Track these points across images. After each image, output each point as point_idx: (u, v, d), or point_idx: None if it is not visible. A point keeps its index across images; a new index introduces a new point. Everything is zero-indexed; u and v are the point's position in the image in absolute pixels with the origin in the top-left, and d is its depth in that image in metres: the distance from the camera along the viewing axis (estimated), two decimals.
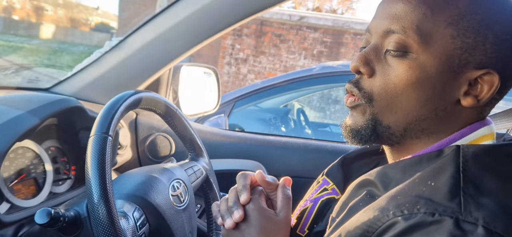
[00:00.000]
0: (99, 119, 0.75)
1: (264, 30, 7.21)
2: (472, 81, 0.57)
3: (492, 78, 0.56)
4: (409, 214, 0.49)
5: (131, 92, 0.84)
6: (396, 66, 0.59)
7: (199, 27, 1.14)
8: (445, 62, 0.57)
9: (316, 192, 0.84)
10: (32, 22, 14.76)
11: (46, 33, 13.76)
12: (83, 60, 1.28)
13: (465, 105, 0.58)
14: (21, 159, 1.00)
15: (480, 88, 0.57)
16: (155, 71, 1.22)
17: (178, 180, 0.95)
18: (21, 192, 0.99)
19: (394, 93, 0.59)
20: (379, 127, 0.61)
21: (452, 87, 0.58)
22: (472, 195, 0.49)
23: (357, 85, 0.63)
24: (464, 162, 0.53)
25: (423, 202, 0.50)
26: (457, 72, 0.57)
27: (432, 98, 0.58)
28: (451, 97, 0.58)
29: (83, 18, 17.72)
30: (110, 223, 0.70)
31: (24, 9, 15.06)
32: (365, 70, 0.61)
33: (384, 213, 0.51)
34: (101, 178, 0.70)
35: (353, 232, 0.54)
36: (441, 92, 0.58)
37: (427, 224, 0.48)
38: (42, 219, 0.72)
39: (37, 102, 0.95)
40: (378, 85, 0.60)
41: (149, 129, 1.34)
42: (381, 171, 0.61)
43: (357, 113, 0.63)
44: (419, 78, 0.57)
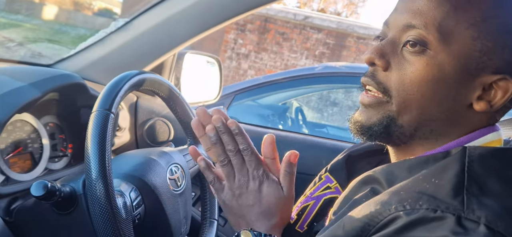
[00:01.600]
0: (103, 95, 0.74)
1: (268, 27, 7.20)
2: (487, 86, 0.57)
3: (507, 84, 0.56)
4: (411, 210, 0.49)
5: (136, 72, 0.83)
6: (414, 61, 0.58)
7: (206, 14, 1.13)
8: (463, 64, 0.56)
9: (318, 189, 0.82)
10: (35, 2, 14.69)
11: (48, 14, 13.69)
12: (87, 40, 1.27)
13: (478, 109, 0.57)
14: (19, 132, 0.99)
15: (493, 93, 0.57)
16: (159, 55, 1.21)
17: (176, 165, 0.94)
18: (17, 166, 0.99)
19: (410, 90, 0.58)
20: (393, 126, 0.60)
21: (467, 89, 0.57)
22: (475, 194, 0.49)
23: (374, 78, 0.61)
24: (470, 163, 0.53)
25: (425, 198, 0.50)
26: (473, 75, 0.56)
27: (446, 98, 0.57)
28: (465, 100, 0.57)
29: (86, 2, 17.62)
30: (106, 200, 0.70)
31: None
32: (381, 62, 0.60)
33: (386, 207, 0.51)
34: (100, 155, 0.70)
35: (354, 225, 0.54)
36: (456, 94, 0.57)
37: (429, 220, 0.48)
38: (38, 191, 0.71)
39: (40, 76, 0.94)
40: (394, 80, 0.59)
41: (149, 113, 1.33)
42: (386, 168, 0.60)
43: (372, 109, 0.62)
44: (435, 76, 0.56)
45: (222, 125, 0.70)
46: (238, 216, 0.72)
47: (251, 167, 0.70)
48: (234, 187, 0.71)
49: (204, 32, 1.17)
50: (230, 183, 0.71)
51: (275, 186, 0.71)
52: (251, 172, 0.70)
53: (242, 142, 0.70)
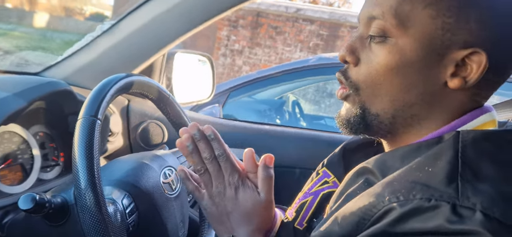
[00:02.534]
0: (88, 101, 0.72)
1: (260, 21, 7.17)
2: (459, 62, 0.55)
3: (480, 58, 0.54)
4: (405, 200, 0.48)
5: (123, 75, 0.81)
6: (378, 52, 0.58)
7: (193, 11, 1.11)
8: (426, 45, 0.55)
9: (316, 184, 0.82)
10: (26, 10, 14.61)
11: (40, 22, 13.64)
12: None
13: (452, 87, 0.56)
14: (7, 143, 0.96)
15: (469, 68, 0.55)
16: (148, 57, 1.19)
17: (170, 168, 0.92)
18: (7, 178, 0.96)
19: (377, 80, 0.58)
20: (368, 116, 0.61)
21: (437, 69, 0.56)
22: (470, 180, 0.48)
23: (345, 74, 0.62)
24: (463, 148, 0.51)
25: (419, 188, 0.48)
26: (441, 54, 0.55)
27: (417, 82, 0.57)
28: (438, 80, 0.57)
29: (78, 8, 17.56)
30: (97, 209, 0.67)
31: None
32: (351, 58, 0.61)
33: (380, 199, 0.50)
34: (88, 163, 0.68)
35: (349, 219, 0.53)
36: (426, 76, 0.57)
37: (423, 210, 0.47)
38: (26, 205, 0.69)
39: (24, 85, 0.92)
40: (362, 73, 0.60)
41: (142, 116, 1.31)
42: (379, 159, 0.59)
43: (348, 104, 0.63)
44: (399, 62, 0.57)
45: (198, 132, 0.71)
46: (219, 223, 0.72)
47: (227, 173, 0.71)
48: (213, 194, 0.71)
49: (191, 30, 1.14)
50: (209, 191, 0.72)
51: (251, 191, 0.71)
52: (226, 178, 0.71)
53: (218, 148, 0.71)
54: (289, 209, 0.84)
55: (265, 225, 0.73)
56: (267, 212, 0.73)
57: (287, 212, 0.85)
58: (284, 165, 1.33)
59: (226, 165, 0.70)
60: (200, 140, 0.70)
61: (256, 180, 0.73)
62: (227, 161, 0.71)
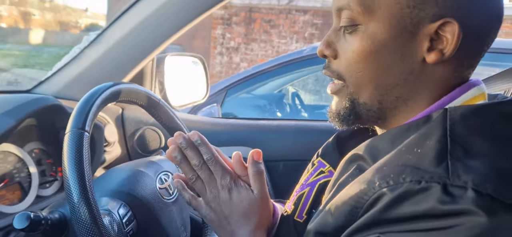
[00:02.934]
0: (74, 114, 0.71)
1: (253, 16, 7.15)
2: (433, 35, 0.55)
3: (452, 27, 0.54)
4: (395, 185, 0.48)
5: (109, 84, 0.80)
6: (351, 41, 0.59)
7: (178, 12, 1.10)
8: (395, 25, 0.56)
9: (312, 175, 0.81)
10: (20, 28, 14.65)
11: (35, 38, 13.66)
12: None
13: (430, 61, 0.56)
14: (2, 164, 0.96)
15: (444, 40, 0.55)
16: (137, 63, 1.18)
17: (166, 173, 0.92)
18: (6, 198, 0.96)
19: (357, 68, 0.59)
20: (357, 106, 0.61)
21: (412, 47, 0.56)
22: (460, 158, 0.47)
23: (329, 68, 0.63)
24: (451, 125, 0.50)
25: (408, 171, 0.48)
26: (412, 31, 0.55)
27: (394, 63, 0.57)
28: (415, 57, 0.56)
29: (72, 21, 17.61)
30: (92, 222, 0.67)
31: (11, 16, 14.93)
32: (328, 52, 0.62)
33: (370, 186, 0.50)
34: (79, 177, 0.67)
35: (342, 208, 0.52)
36: (402, 55, 0.56)
37: (414, 193, 0.46)
38: (21, 224, 0.69)
39: (13, 103, 0.91)
40: (342, 64, 0.61)
41: (137, 123, 1.30)
42: (369, 143, 0.59)
43: (338, 97, 0.64)
44: (372, 47, 0.57)
45: (184, 140, 0.70)
46: (221, 228, 0.71)
47: (218, 177, 0.70)
48: (209, 200, 0.70)
49: (177, 32, 1.13)
50: (205, 198, 0.70)
51: (245, 190, 0.70)
52: (219, 182, 0.69)
53: (205, 152, 0.70)
54: (287, 202, 0.83)
55: (265, 222, 0.72)
56: (264, 208, 0.72)
57: (286, 206, 0.84)
58: (283, 158, 1.33)
59: (216, 169, 0.69)
60: (187, 148, 0.70)
61: (249, 179, 0.72)
62: (217, 164, 0.70)
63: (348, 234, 0.51)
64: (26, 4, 15.79)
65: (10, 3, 15.25)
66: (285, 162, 1.32)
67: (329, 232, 0.54)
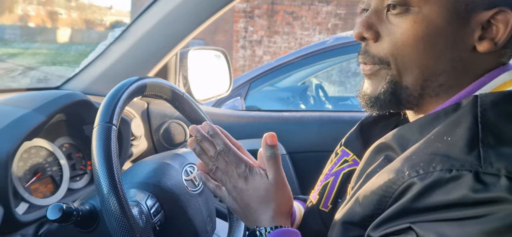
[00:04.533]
0: (102, 108, 0.73)
1: (275, 9, 7.12)
2: (485, 23, 0.54)
3: (506, 16, 0.53)
4: (425, 173, 0.47)
5: (134, 79, 0.82)
6: (400, 23, 0.56)
7: (199, 6, 1.11)
8: (450, 9, 0.54)
9: (336, 164, 0.81)
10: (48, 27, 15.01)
11: (62, 37, 13.99)
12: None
13: (482, 50, 0.54)
14: (35, 158, 0.99)
15: (495, 29, 0.54)
16: (161, 57, 1.20)
17: (191, 165, 0.93)
18: (39, 191, 1.00)
19: (405, 52, 0.56)
20: (399, 89, 0.59)
21: (464, 34, 0.54)
22: (492, 145, 0.46)
23: (367, 53, 0.60)
24: (482, 112, 0.49)
25: (438, 159, 0.47)
26: (466, 18, 0.54)
27: (445, 49, 0.55)
28: (465, 45, 0.55)
29: (98, 19, 17.94)
30: (122, 213, 0.68)
31: (39, 15, 15.33)
32: (369, 34, 0.59)
33: (399, 175, 0.49)
34: (108, 169, 0.69)
35: (370, 198, 0.52)
36: (454, 42, 0.55)
37: (445, 182, 0.45)
38: (54, 215, 0.71)
39: (43, 100, 0.94)
40: (386, 47, 0.58)
41: (162, 117, 1.33)
42: (397, 133, 0.58)
43: (376, 79, 0.61)
44: (426, 31, 0.55)
45: (198, 132, 0.71)
46: (244, 217, 0.71)
47: (233, 166, 0.70)
48: (230, 190, 0.70)
49: (200, 26, 1.15)
50: (226, 187, 0.71)
51: (260, 177, 0.70)
52: (235, 172, 0.69)
53: (218, 143, 0.70)
54: (312, 192, 0.83)
55: (284, 207, 0.71)
56: (282, 192, 0.71)
57: (311, 196, 0.84)
58: (307, 150, 1.33)
59: (230, 159, 0.69)
60: (202, 141, 0.70)
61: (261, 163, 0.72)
62: (230, 153, 0.70)
63: (377, 223, 0.51)
64: (53, 4, 16.17)
65: (37, 3, 15.65)
66: (309, 154, 1.32)
67: (357, 222, 0.54)
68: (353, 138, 0.77)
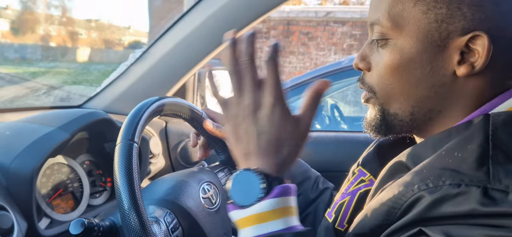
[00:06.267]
0: (124, 127, 0.76)
1: (291, 29, 7.18)
2: (464, 48, 0.55)
3: (482, 40, 0.54)
4: (434, 187, 0.48)
5: (155, 99, 0.84)
6: (383, 55, 0.60)
7: (217, 29, 1.14)
8: (424, 39, 0.56)
9: (352, 184, 0.81)
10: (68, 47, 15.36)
11: (82, 56, 14.30)
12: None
13: (461, 74, 0.56)
14: (57, 174, 1.03)
15: (476, 53, 0.55)
16: (179, 78, 1.23)
17: (208, 183, 0.95)
18: (60, 207, 1.02)
19: (387, 81, 0.60)
20: (388, 116, 0.62)
21: (442, 60, 0.57)
22: (502, 162, 0.47)
23: (362, 81, 0.65)
24: (494, 130, 0.51)
25: (448, 174, 0.48)
26: (441, 45, 0.56)
27: (424, 77, 0.58)
28: (445, 70, 0.57)
29: (117, 39, 18.28)
30: (142, 229, 0.70)
31: (59, 35, 15.71)
32: (363, 65, 0.64)
33: (409, 188, 0.50)
34: (129, 185, 0.71)
35: (379, 209, 0.53)
36: (432, 69, 0.57)
37: (453, 196, 0.47)
38: (76, 230, 0.73)
39: (66, 118, 0.97)
40: (375, 77, 0.63)
41: (180, 135, 1.35)
42: (411, 151, 0.59)
43: (371, 107, 0.65)
44: (401, 61, 0.58)
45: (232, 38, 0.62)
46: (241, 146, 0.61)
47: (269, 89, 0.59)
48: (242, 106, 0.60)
49: (218, 47, 1.17)
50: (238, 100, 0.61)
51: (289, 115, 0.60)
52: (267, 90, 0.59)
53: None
54: (328, 210, 0.84)
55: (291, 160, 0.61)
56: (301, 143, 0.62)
57: (327, 214, 0.85)
58: (323, 170, 1.33)
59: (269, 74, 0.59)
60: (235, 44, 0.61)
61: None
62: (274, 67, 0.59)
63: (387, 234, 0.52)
64: (73, 24, 16.58)
65: (58, 23, 16.06)
66: (325, 173, 1.32)
67: (366, 233, 0.55)
68: (371, 159, 0.77)
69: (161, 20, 9.84)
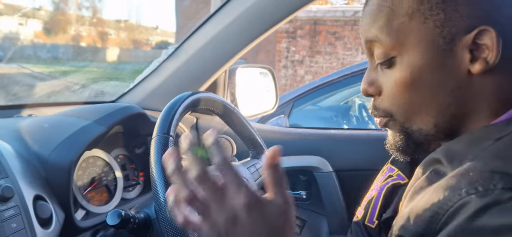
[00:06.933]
0: (160, 120, 0.77)
1: (318, 29, 7.13)
2: (472, 46, 0.54)
3: (489, 34, 0.52)
4: (484, 191, 0.45)
5: (189, 93, 0.85)
6: (391, 75, 0.58)
7: (249, 26, 1.14)
8: (429, 48, 0.55)
9: (380, 181, 0.82)
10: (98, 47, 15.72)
11: (111, 56, 14.60)
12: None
13: (476, 72, 0.54)
14: (92, 168, 1.05)
15: (485, 48, 0.53)
16: (211, 74, 1.23)
17: None
18: (95, 199, 1.04)
19: (403, 99, 0.58)
20: (412, 135, 0.60)
21: (453, 64, 0.55)
22: None
23: (376, 109, 0.63)
24: None
25: (498, 177, 0.45)
26: (448, 49, 0.54)
27: (439, 85, 0.56)
28: (459, 73, 0.55)
29: (144, 39, 18.58)
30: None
31: (90, 35, 16.10)
32: (372, 90, 0.62)
33: (456, 192, 0.47)
34: (166, 178, 0.72)
35: (422, 215, 0.50)
36: (446, 75, 0.55)
37: (505, 201, 0.43)
38: (113, 221, 0.75)
39: (103, 112, 0.99)
40: (387, 99, 0.60)
41: None
42: (444, 146, 0.58)
43: (390, 131, 0.63)
44: (413, 76, 0.56)
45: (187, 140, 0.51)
46: None
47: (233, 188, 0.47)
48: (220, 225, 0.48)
49: (250, 44, 1.18)
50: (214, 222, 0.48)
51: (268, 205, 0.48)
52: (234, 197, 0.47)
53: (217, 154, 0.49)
54: (358, 208, 0.83)
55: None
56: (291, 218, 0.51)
57: (357, 211, 0.84)
58: (354, 168, 1.32)
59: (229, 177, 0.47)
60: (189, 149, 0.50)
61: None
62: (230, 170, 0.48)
63: None
64: (103, 25, 16.96)
65: (89, 24, 16.46)
66: (356, 172, 1.31)
67: None
68: None
69: (188, 21, 9.94)
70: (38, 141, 0.91)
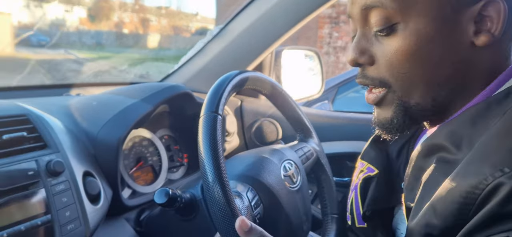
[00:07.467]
0: (208, 99, 0.74)
1: None
2: (477, 17, 0.51)
3: (496, 6, 0.50)
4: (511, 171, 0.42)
5: (237, 72, 0.82)
6: (392, 43, 0.54)
7: (295, 6, 1.10)
8: (436, 16, 0.51)
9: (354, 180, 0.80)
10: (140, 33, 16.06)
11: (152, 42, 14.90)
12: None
13: (480, 44, 0.51)
14: (138, 147, 1.05)
15: (489, 21, 0.51)
16: (257, 55, 1.20)
17: (289, 161, 0.91)
18: (141, 179, 1.04)
19: (404, 70, 0.54)
20: (409, 109, 0.57)
21: (458, 34, 0.52)
22: None
23: (366, 77, 0.58)
24: None
25: None
26: (454, 19, 0.51)
27: (443, 55, 0.53)
28: (462, 45, 0.52)
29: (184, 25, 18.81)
30: (226, 202, 0.68)
31: (132, 22, 16.44)
32: (364, 59, 0.58)
33: (481, 178, 0.44)
34: (214, 158, 0.69)
35: (449, 208, 0.47)
36: (450, 45, 0.52)
37: None
38: (161, 199, 0.74)
39: (149, 91, 0.99)
40: (384, 69, 0.56)
41: (255, 115, 1.33)
42: (445, 129, 0.55)
43: (384, 106, 0.59)
44: (418, 44, 0.53)
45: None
46: None
47: None
48: None
49: (297, 23, 1.14)
50: None
51: None
52: None
53: None
54: (347, 212, 0.82)
55: None
56: None
57: (346, 217, 0.82)
58: None
59: None
60: None
61: None
62: None
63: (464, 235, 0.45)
64: (145, 11, 17.29)
65: (131, 11, 16.82)
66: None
67: (436, 235, 0.49)
68: (368, 149, 0.77)
69: (228, 7, 9.96)
70: (87, 118, 0.91)
